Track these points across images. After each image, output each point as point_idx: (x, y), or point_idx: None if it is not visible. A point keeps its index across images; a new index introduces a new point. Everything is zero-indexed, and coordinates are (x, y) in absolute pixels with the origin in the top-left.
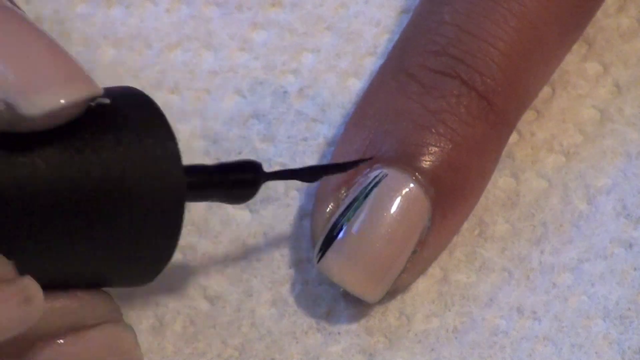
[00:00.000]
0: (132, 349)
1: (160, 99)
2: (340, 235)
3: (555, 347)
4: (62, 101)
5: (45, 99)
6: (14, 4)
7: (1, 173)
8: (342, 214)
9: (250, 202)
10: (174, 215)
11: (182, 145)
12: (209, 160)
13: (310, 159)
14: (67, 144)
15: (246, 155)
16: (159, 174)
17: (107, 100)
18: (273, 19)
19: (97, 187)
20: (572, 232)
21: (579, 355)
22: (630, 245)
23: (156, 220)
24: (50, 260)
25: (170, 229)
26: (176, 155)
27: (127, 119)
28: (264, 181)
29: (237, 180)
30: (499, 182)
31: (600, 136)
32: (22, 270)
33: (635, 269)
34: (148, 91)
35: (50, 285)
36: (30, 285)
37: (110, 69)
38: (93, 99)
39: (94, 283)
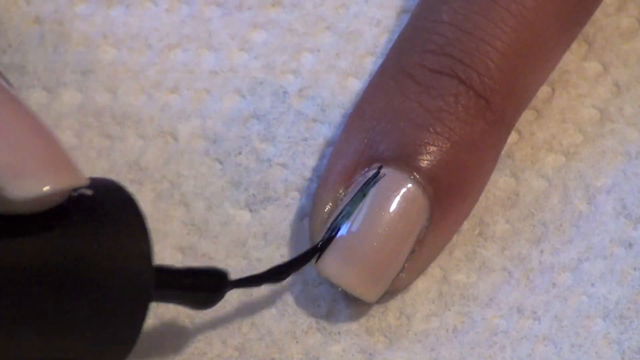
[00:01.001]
0: None
1: (160, 98)
2: (338, 235)
3: (555, 347)
4: (47, 188)
5: (31, 184)
6: (8, 83)
7: None
8: (341, 214)
9: (251, 202)
10: (138, 312)
11: (181, 146)
12: (208, 160)
13: (310, 159)
14: (47, 230)
15: (246, 154)
16: (130, 272)
17: (89, 192)
18: (273, 19)
19: (69, 274)
20: (572, 232)
21: (579, 355)
22: (630, 245)
23: (121, 315)
24: (13, 341)
25: (132, 324)
26: (148, 256)
27: (107, 213)
28: (229, 289)
29: (203, 286)
30: (499, 182)
31: (600, 136)
32: None
33: (635, 269)
34: (148, 91)
35: None
36: None
37: (110, 69)
38: (77, 188)
39: None
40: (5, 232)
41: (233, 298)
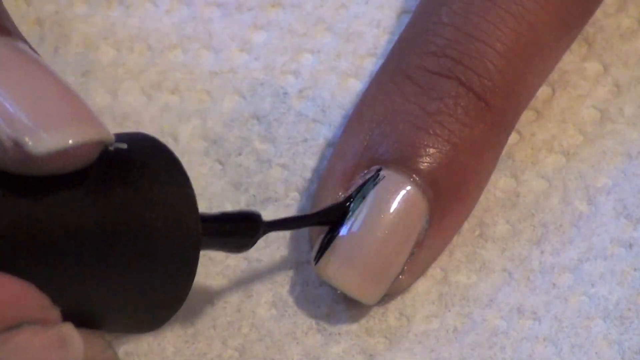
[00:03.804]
0: None
1: (160, 99)
2: (338, 237)
3: (556, 348)
4: (70, 141)
5: (54, 138)
6: (30, 47)
7: (23, 214)
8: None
9: (251, 202)
10: (188, 261)
11: (182, 146)
12: (209, 161)
13: (311, 160)
14: (87, 187)
15: (246, 155)
16: (177, 220)
17: (124, 146)
18: (273, 19)
19: (116, 231)
20: (572, 232)
21: (579, 356)
22: (630, 245)
23: (172, 265)
24: (68, 300)
25: (184, 274)
26: (193, 202)
27: (145, 164)
28: (264, 232)
29: (240, 230)
30: (499, 183)
31: (600, 136)
32: None
33: (635, 269)
34: (148, 92)
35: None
36: (70, 332)
37: (111, 70)
38: (103, 143)
39: (102, 325)
40: (49, 193)
41: (233, 298)
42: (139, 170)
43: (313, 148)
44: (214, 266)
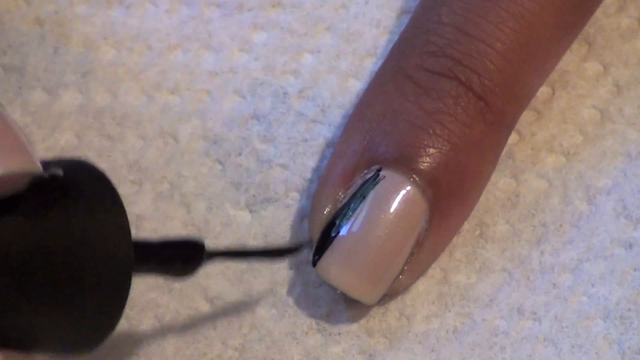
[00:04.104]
0: None
1: (160, 99)
2: (337, 237)
3: (556, 348)
4: None
5: None
6: None
7: None
8: (340, 216)
9: (251, 202)
10: (120, 289)
11: (182, 146)
12: (209, 161)
13: (311, 160)
14: (18, 213)
15: (246, 155)
16: (109, 248)
17: (60, 172)
18: (273, 19)
19: (44, 259)
20: (572, 232)
21: (579, 356)
22: (630, 245)
23: (104, 291)
24: None
25: (116, 300)
26: (126, 229)
27: (79, 191)
28: (207, 260)
29: (181, 257)
30: (499, 183)
31: (600, 136)
32: None
33: (635, 269)
34: (148, 92)
35: None
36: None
37: (111, 69)
38: (30, 174)
39: (32, 348)
40: None
41: (233, 298)
42: (73, 198)
43: (313, 148)
44: (214, 266)
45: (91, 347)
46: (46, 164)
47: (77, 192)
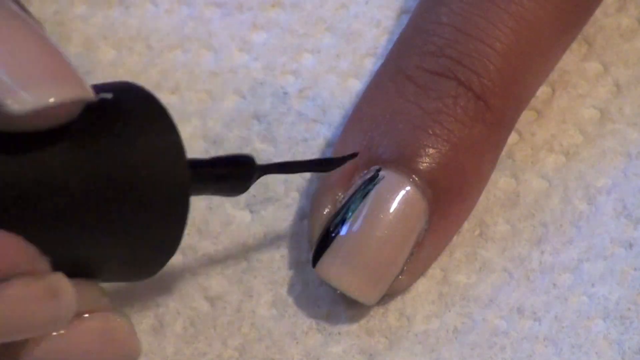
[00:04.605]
0: (129, 337)
1: (160, 99)
2: (337, 237)
3: (556, 348)
4: (51, 100)
5: (33, 96)
6: (16, 2)
7: (6, 169)
8: (339, 216)
9: (251, 202)
10: (179, 207)
11: None
12: None
13: None
14: (73, 141)
15: None
16: (165, 167)
17: (109, 96)
18: (273, 19)
19: (106, 182)
20: (572, 232)
21: (579, 356)
22: (630, 245)
23: (162, 212)
24: (58, 251)
25: (175, 220)
26: (180, 148)
27: (130, 113)
28: (259, 175)
29: (233, 174)
30: (499, 183)
31: (600, 136)
32: None
33: (635, 269)
34: None
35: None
36: (61, 281)
37: (111, 69)
38: (84, 101)
39: (95, 274)
40: (32, 148)
41: (233, 298)
42: (124, 121)
43: (313, 148)
44: (214, 266)
45: (153, 271)
46: (95, 89)
47: (128, 115)
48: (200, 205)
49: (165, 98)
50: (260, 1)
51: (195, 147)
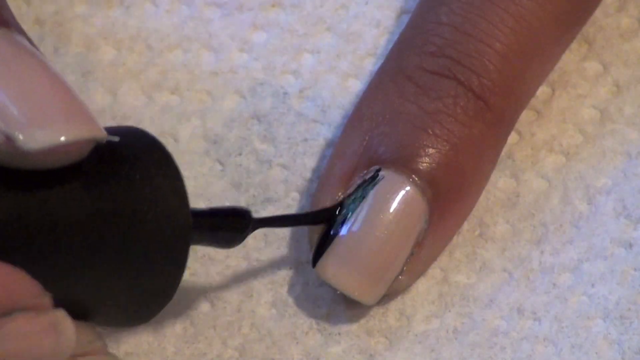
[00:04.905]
0: None
1: (160, 99)
2: (337, 237)
3: (556, 348)
4: (62, 138)
5: (45, 134)
6: (27, 38)
7: (15, 206)
8: (339, 217)
9: (251, 202)
10: (179, 253)
11: (182, 146)
12: (209, 161)
13: (311, 160)
14: (79, 180)
15: (246, 155)
16: (168, 213)
17: (116, 139)
18: (273, 19)
19: (107, 223)
20: (572, 232)
21: (579, 356)
22: (630, 245)
23: (163, 256)
24: (59, 290)
25: (174, 266)
26: (184, 194)
27: (137, 157)
28: (254, 228)
29: (230, 226)
30: (499, 183)
31: (600, 136)
32: None
33: (635, 269)
34: (148, 92)
35: None
36: (63, 318)
37: (111, 69)
38: (95, 140)
39: (92, 316)
40: (41, 186)
41: (233, 298)
42: (131, 164)
43: (313, 148)
44: (214, 266)
45: (148, 316)
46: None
47: (134, 159)
48: (201, 206)
49: (165, 98)
50: (260, 1)
51: (195, 147)
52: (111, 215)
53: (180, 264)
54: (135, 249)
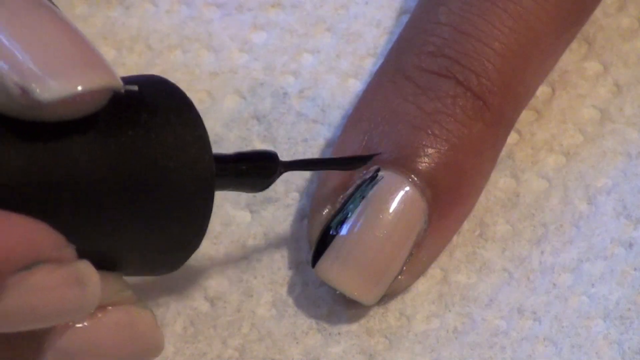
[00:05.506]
0: (152, 330)
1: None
2: (337, 238)
3: (556, 348)
4: (79, 88)
5: (61, 85)
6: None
7: (33, 159)
8: (339, 216)
9: (251, 202)
10: (203, 201)
11: None
12: None
13: None
14: (97, 131)
15: None
16: (190, 160)
17: (135, 88)
18: (273, 20)
19: (128, 174)
20: (572, 232)
21: (579, 356)
22: (630, 245)
23: (187, 205)
24: (83, 242)
25: (199, 214)
26: (206, 142)
27: (156, 106)
28: (281, 171)
29: (257, 170)
30: (499, 183)
31: (600, 136)
32: None
33: (635, 269)
34: None
35: None
36: (87, 269)
37: None
38: (112, 89)
39: (118, 266)
40: (59, 138)
41: (233, 298)
42: (150, 113)
43: (313, 148)
44: (214, 266)
45: (175, 265)
46: (122, 81)
47: (154, 107)
48: None
49: None
50: (260, 1)
51: None
52: (131, 165)
53: (205, 212)
54: (158, 198)
